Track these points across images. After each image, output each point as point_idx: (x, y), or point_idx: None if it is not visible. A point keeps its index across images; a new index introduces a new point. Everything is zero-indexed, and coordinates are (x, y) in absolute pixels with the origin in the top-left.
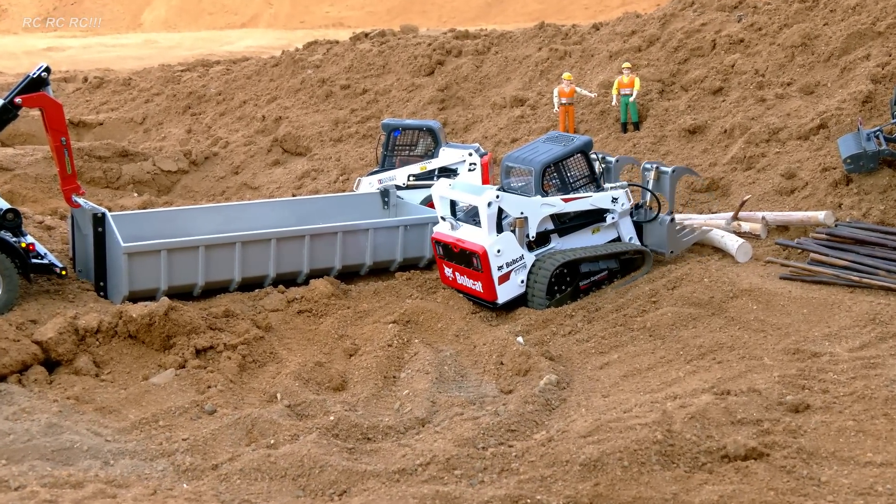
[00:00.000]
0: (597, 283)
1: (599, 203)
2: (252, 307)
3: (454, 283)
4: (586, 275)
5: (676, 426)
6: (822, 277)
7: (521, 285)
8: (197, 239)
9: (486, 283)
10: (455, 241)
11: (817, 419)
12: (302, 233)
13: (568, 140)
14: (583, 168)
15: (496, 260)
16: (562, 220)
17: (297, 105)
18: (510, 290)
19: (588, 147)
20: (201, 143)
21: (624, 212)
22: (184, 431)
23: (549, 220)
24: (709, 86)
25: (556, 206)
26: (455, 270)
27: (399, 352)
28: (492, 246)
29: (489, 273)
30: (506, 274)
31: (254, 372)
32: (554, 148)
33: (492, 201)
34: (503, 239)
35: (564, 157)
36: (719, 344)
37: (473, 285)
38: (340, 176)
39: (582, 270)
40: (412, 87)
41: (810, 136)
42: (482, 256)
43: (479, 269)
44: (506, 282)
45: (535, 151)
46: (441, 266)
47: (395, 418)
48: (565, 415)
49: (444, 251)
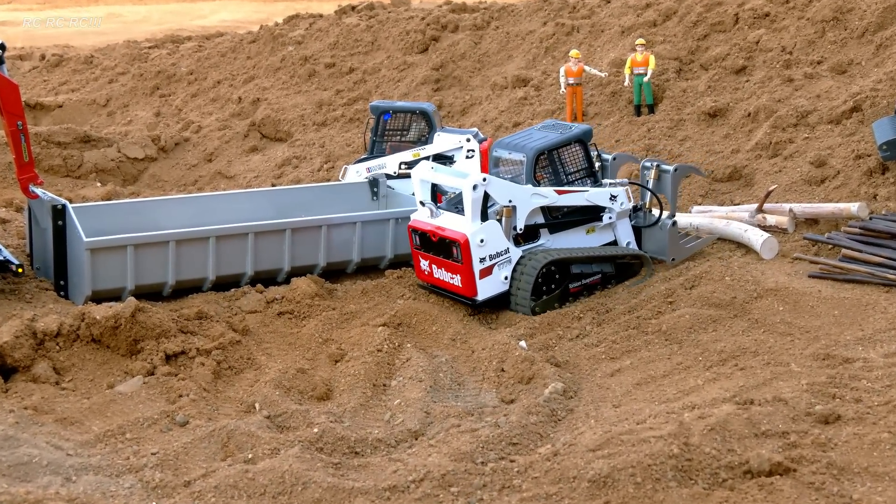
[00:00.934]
0: (589, 286)
1: (596, 199)
2: (228, 308)
3: (430, 277)
4: (577, 276)
5: (694, 439)
6: (855, 276)
7: (505, 282)
8: (167, 233)
9: (466, 276)
10: (434, 229)
11: (849, 431)
12: (282, 226)
13: (565, 128)
14: (580, 159)
15: (478, 251)
16: (554, 214)
17: (277, 85)
18: (492, 286)
19: (587, 137)
20: (171, 128)
21: (623, 212)
22: (153, 445)
23: (539, 214)
24: (731, 64)
25: (548, 198)
26: (432, 263)
27: (390, 357)
28: (474, 234)
29: (470, 265)
30: (488, 268)
31: (230, 379)
32: (549, 135)
33: (478, 184)
34: (488, 228)
35: (560, 145)
36: (742, 349)
37: (451, 280)
38: (325, 164)
39: (573, 271)
40: (404, 66)
41: (842, 120)
42: (463, 246)
43: (458, 261)
44: (487, 276)
45: (529, 138)
46: (417, 259)
47: (385, 430)
48: (572, 427)
49: (420, 241)
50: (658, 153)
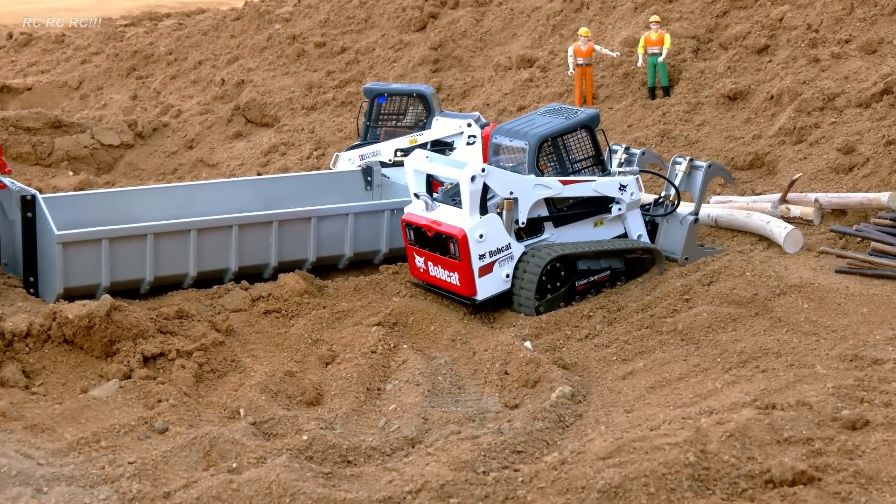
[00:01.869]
0: (596, 284)
1: (604, 190)
2: (210, 307)
3: (426, 275)
4: (584, 273)
5: (712, 446)
6: (886, 271)
7: (507, 280)
8: (144, 226)
9: (465, 274)
10: (429, 224)
11: (878, 437)
12: (269, 218)
13: (570, 113)
14: (587, 147)
15: (478, 247)
16: (558, 206)
17: (263, 66)
18: (492, 284)
19: (594, 122)
20: (149, 112)
21: (633, 203)
22: (130, 453)
23: (543, 206)
24: (752, 43)
25: (553, 189)
26: (428, 260)
27: (384, 359)
28: (473, 229)
29: (468, 262)
30: (488, 265)
31: (212, 383)
32: (553, 121)
33: (476, 175)
34: (487, 222)
35: (565, 131)
36: (763, 349)
37: (449, 278)
38: (314, 151)
39: (580, 268)
40: (400, 45)
41: (872, 104)
42: (461, 241)
43: (456, 258)
44: (487, 274)
45: (532, 124)
46: (411, 255)
47: (379, 438)
48: (581, 433)
49: (415, 236)
50: (673, 139)
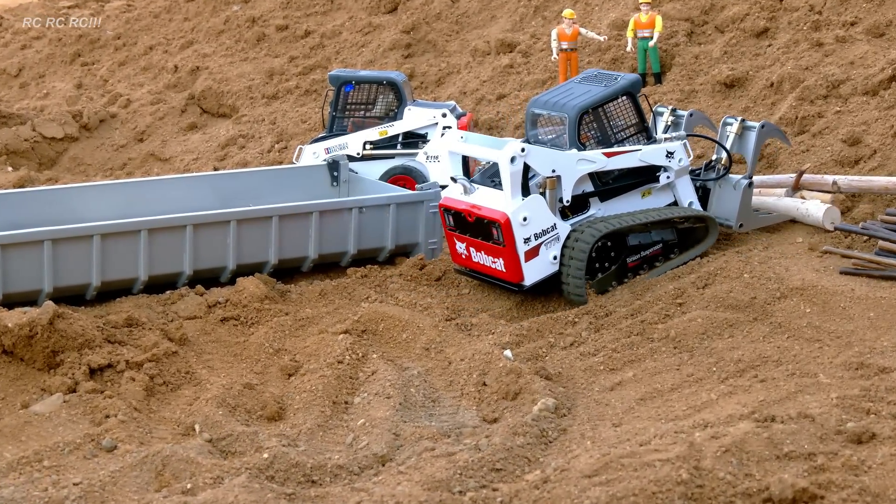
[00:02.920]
0: (649, 259)
1: (651, 158)
2: (162, 314)
3: (468, 261)
4: (635, 248)
5: (707, 462)
6: (894, 272)
7: (554, 262)
8: (91, 226)
9: (510, 259)
10: (469, 208)
11: (885, 452)
12: (226, 217)
13: (610, 79)
14: (629, 114)
15: (522, 230)
16: (603, 180)
17: (220, 52)
18: (540, 268)
19: (636, 87)
20: (95, 102)
21: (682, 169)
22: (75, 474)
23: (587, 181)
24: (750, 26)
25: (597, 163)
26: (469, 246)
27: (352, 370)
28: (516, 212)
29: (513, 247)
30: (534, 248)
31: (165, 397)
32: (592, 89)
33: (516, 156)
34: (530, 204)
35: (606, 100)
36: (762, 357)
37: (493, 264)
38: (276, 144)
39: (630, 243)
40: (369, 29)
41: (880, 91)
42: (504, 226)
43: (500, 243)
44: (534, 258)
45: (570, 94)
46: (451, 241)
47: (347, 455)
48: (565, 449)
49: (454, 221)
50: None
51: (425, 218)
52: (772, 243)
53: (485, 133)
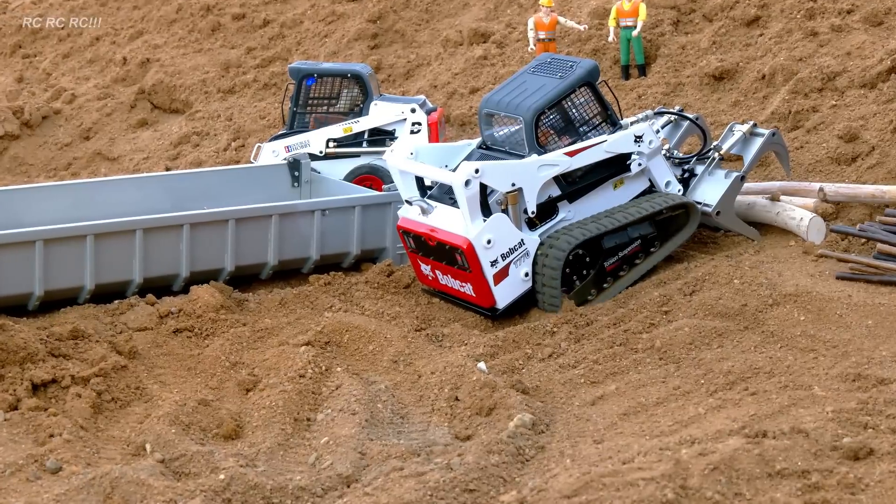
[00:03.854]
0: (628, 258)
1: (618, 147)
2: (110, 325)
3: (436, 283)
4: (612, 251)
5: (694, 481)
6: (893, 276)
7: (526, 279)
8: (32, 231)
9: (479, 284)
10: (429, 232)
11: (883, 469)
12: (179, 221)
13: (565, 67)
14: (591, 105)
15: (487, 253)
16: (570, 180)
17: (172, 43)
18: (512, 288)
19: (594, 75)
20: (37, 98)
21: (654, 151)
22: (17, 497)
23: (552, 185)
24: (741, 14)
25: (560, 165)
26: (435, 268)
27: (315, 385)
28: (479, 236)
29: (480, 272)
30: (503, 269)
31: (113, 414)
32: (547, 83)
33: (470, 179)
34: (493, 224)
35: (563, 95)
36: (753, 369)
37: (462, 287)
38: (233, 141)
39: (606, 246)
40: (332, 18)
41: (878, 84)
42: (467, 252)
43: (465, 269)
44: (504, 279)
45: (523, 91)
46: (415, 263)
47: (309, 476)
48: (543, 468)
49: (416, 243)
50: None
51: (393, 221)
52: (764, 247)
53: (457, 130)
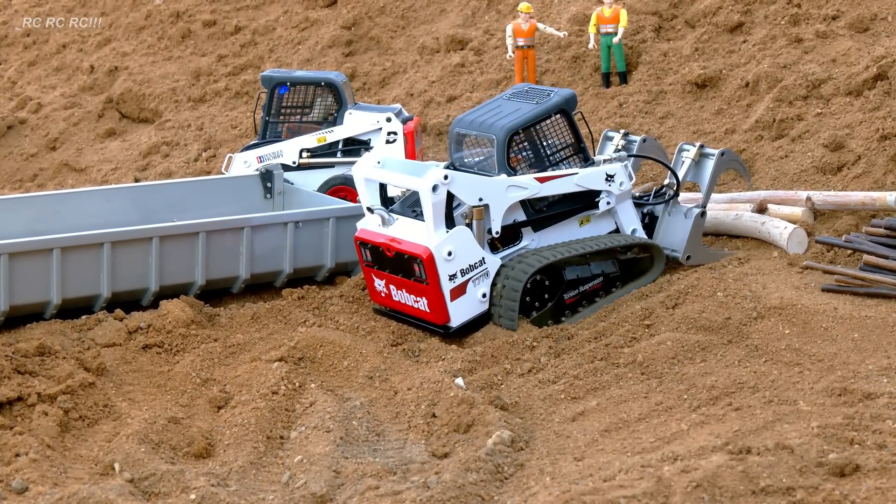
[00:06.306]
0: (588, 294)
1: (588, 183)
2: (78, 341)
3: (388, 300)
4: (573, 283)
5: (676, 499)
6: (880, 289)
7: (483, 300)
8: None
9: (434, 299)
10: (388, 242)
11: (870, 485)
12: (148, 234)
13: (542, 96)
14: (564, 134)
15: (446, 266)
16: (536, 207)
17: (141, 50)
18: (468, 308)
19: (571, 105)
20: (2, 107)
21: (624, 194)
22: None
23: (519, 209)
24: (724, 21)
25: (529, 189)
26: (389, 283)
27: (288, 401)
28: (440, 246)
29: (437, 285)
30: (461, 285)
31: (81, 433)
32: (523, 107)
33: (438, 184)
34: (456, 236)
35: (538, 119)
36: (737, 383)
37: (416, 303)
38: (203, 151)
39: (567, 277)
40: (306, 24)
41: (864, 91)
42: (426, 262)
43: (422, 281)
44: (461, 296)
45: (498, 113)
46: (369, 278)
47: (282, 496)
48: (523, 486)
49: (372, 256)
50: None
51: None
52: (748, 258)
53: (434, 140)
